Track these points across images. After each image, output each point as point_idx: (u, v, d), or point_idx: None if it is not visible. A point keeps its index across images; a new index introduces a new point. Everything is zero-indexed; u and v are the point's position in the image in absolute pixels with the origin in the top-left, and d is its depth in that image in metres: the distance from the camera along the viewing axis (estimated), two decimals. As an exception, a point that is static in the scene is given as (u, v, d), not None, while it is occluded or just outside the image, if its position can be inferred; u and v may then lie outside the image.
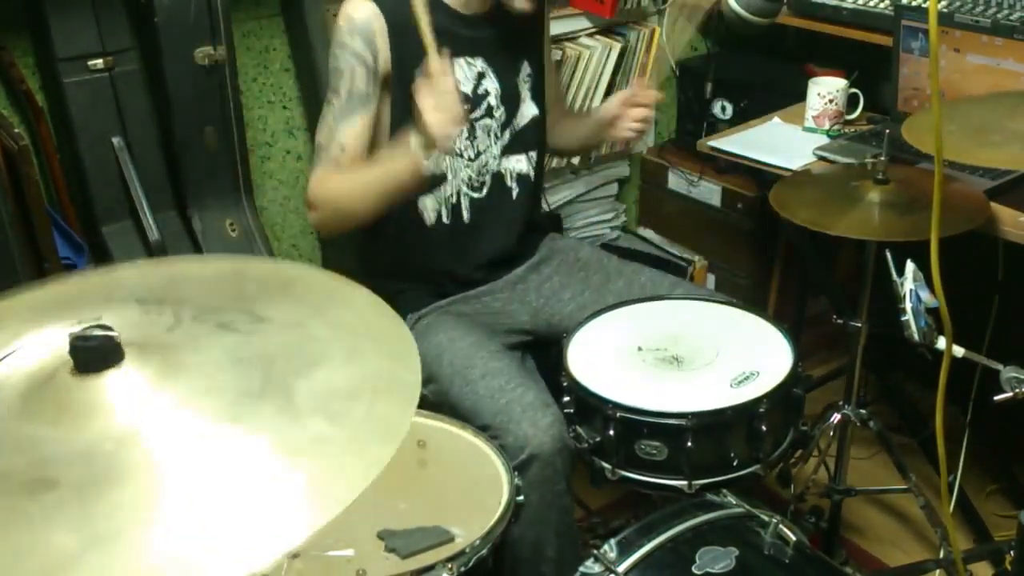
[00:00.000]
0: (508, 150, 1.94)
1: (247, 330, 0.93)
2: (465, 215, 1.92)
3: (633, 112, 1.94)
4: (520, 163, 1.96)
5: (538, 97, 1.97)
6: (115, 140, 2.12)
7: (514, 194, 1.96)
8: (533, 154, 1.99)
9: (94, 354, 0.84)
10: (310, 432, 0.83)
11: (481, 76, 1.87)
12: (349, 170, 1.77)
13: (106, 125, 2.11)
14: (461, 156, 1.88)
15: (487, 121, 1.89)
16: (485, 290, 1.97)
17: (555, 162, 2.66)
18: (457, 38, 1.82)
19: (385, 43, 1.76)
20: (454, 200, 1.90)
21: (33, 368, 0.88)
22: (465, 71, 1.84)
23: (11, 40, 2.07)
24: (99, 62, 2.07)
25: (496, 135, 1.91)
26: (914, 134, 1.66)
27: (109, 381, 0.84)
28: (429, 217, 1.90)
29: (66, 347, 0.84)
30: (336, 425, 0.84)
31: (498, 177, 1.94)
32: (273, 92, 2.43)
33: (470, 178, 1.90)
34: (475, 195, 1.92)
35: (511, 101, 1.92)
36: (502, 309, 1.96)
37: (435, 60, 1.60)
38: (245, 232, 2.31)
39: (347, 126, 1.77)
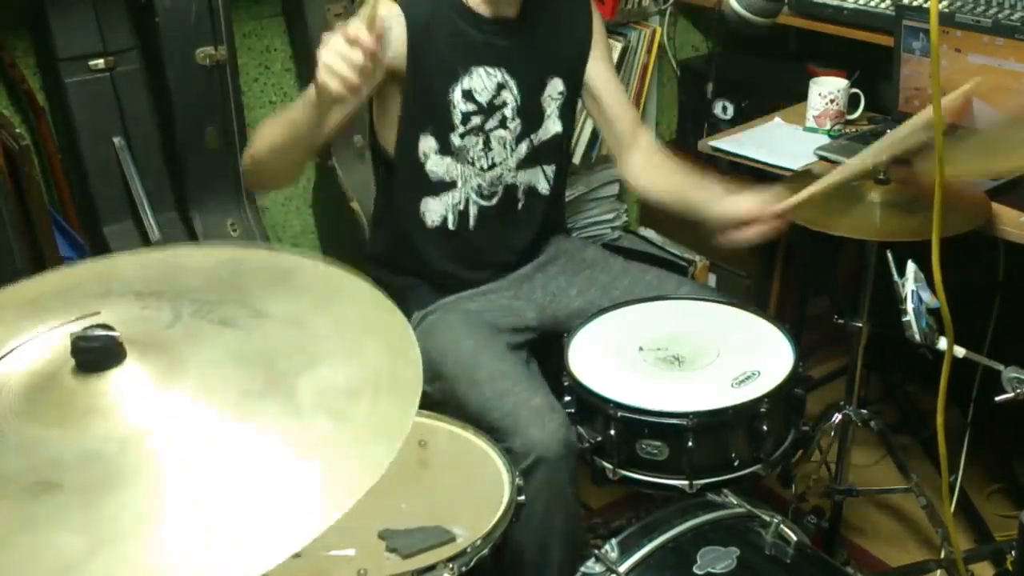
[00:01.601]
0: (524, 163, 1.92)
1: (247, 326, 0.93)
2: (471, 222, 1.91)
3: (754, 229, 1.80)
4: (534, 176, 1.95)
5: (566, 116, 1.94)
6: (116, 140, 2.13)
7: (520, 205, 1.96)
8: (550, 168, 1.97)
9: (96, 354, 0.84)
10: (313, 432, 0.83)
11: (501, 87, 1.83)
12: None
13: (107, 125, 2.12)
14: (473, 164, 1.86)
15: (501, 132, 1.86)
16: (492, 287, 1.96)
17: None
18: (475, 45, 1.80)
19: (402, 41, 1.74)
20: (462, 207, 1.90)
21: (34, 368, 0.88)
22: (484, 80, 1.81)
23: (12, 40, 2.07)
24: (100, 62, 2.07)
25: (511, 147, 1.89)
26: (915, 133, 1.66)
27: (111, 381, 0.84)
28: (432, 220, 1.89)
29: (67, 347, 0.84)
30: (339, 425, 0.84)
31: (510, 189, 1.93)
32: (274, 92, 2.43)
33: (480, 187, 1.89)
34: (484, 203, 1.91)
35: (531, 115, 1.89)
36: (508, 305, 1.95)
37: (356, 27, 1.45)
38: (246, 232, 2.31)
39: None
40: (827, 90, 2.28)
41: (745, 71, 2.73)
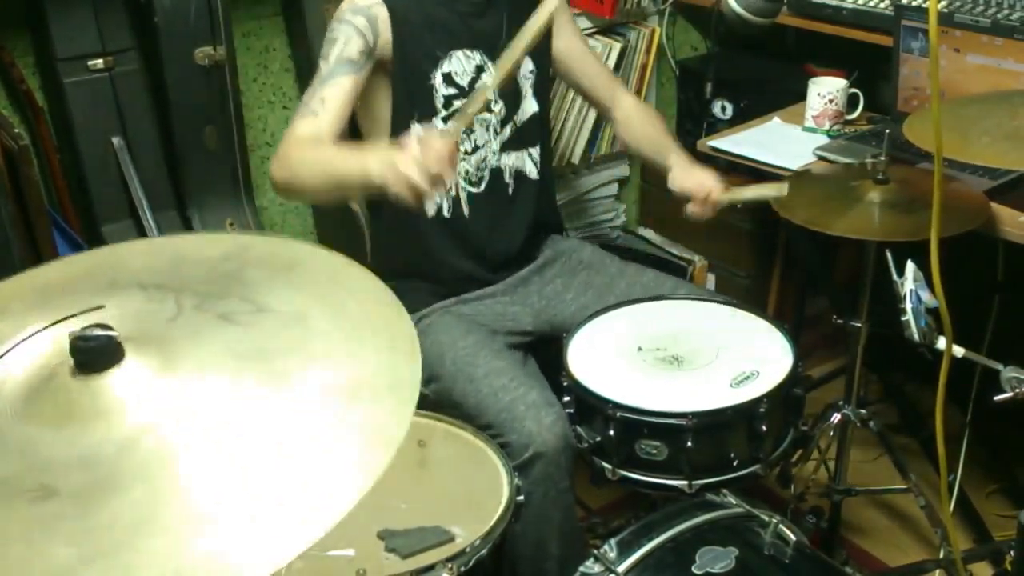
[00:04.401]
0: (508, 146, 1.94)
1: (248, 322, 0.92)
2: (465, 209, 1.92)
3: (695, 208, 1.89)
4: (520, 160, 1.96)
5: (540, 94, 1.97)
6: (115, 140, 2.13)
7: (510, 190, 1.96)
8: (535, 151, 1.98)
9: (94, 354, 0.84)
10: (311, 432, 0.83)
11: (480, 69, 1.86)
12: (320, 145, 1.68)
13: (106, 125, 2.12)
14: (457, 149, 1.86)
15: (485, 115, 1.89)
16: (488, 292, 1.97)
17: (555, 162, 2.66)
18: (454, 30, 1.82)
19: (388, 31, 1.76)
20: (453, 193, 1.91)
21: (33, 368, 0.88)
22: (463, 64, 1.84)
23: (11, 40, 2.07)
24: (99, 62, 2.07)
25: (496, 130, 1.91)
26: (915, 132, 1.66)
27: (110, 382, 0.84)
28: (429, 208, 1.89)
29: (66, 345, 0.84)
30: (337, 425, 0.84)
31: (497, 173, 1.94)
32: (273, 92, 2.43)
33: (467, 172, 1.90)
34: (473, 190, 1.92)
35: (511, 96, 1.92)
36: (504, 311, 1.96)
37: (448, 139, 1.52)
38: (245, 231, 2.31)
39: (331, 83, 1.72)
40: (826, 90, 2.28)
41: (744, 71, 2.73)
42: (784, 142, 2.27)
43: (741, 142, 2.28)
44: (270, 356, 0.90)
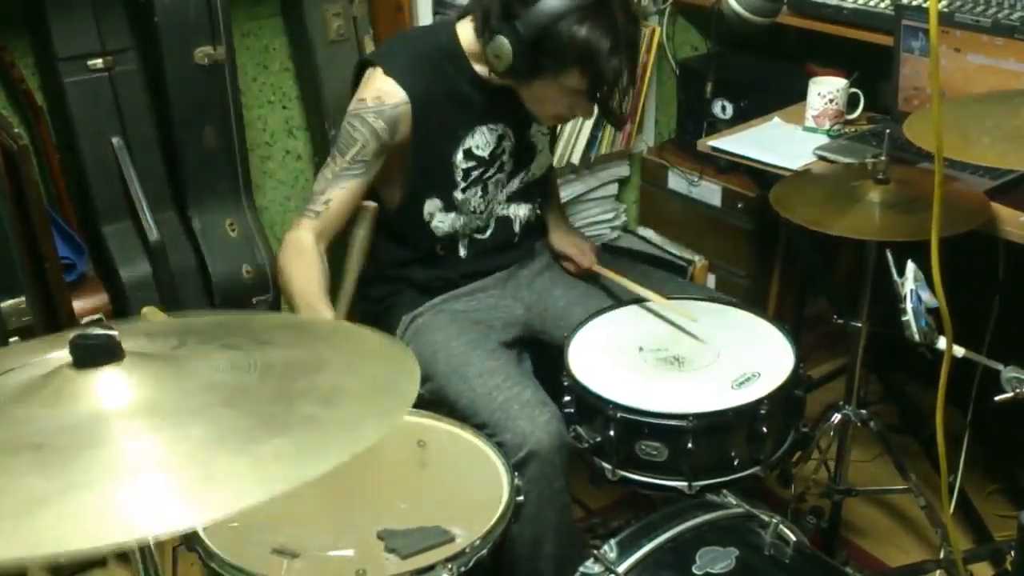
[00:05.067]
0: (516, 197, 1.97)
1: (250, 348, 0.97)
2: (462, 252, 1.95)
3: (573, 270, 2.06)
4: (527, 210, 2.00)
5: (552, 143, 2.04)
6: (115, 140, 2.12)
7: (516, 239, 2.00)
8: (539, 200, 2.04)
9: (93, 351, 0.87)
10: (296, 413, 0.87)
11: (501, 139, 1.88)
12: (300, 257, 1.77)
13: (106, 125, 2.11)
14: (474, 212, 1.91)
15: (498, 176, 1.91)
16: (478, 286, 1.98)
17: (555, 162, 2.65)
18: (478, 107, 1.83)
19: (408, 126, 1.77)
20: (455, 243, 1.94)
21: (34, 368, 0.91)
22: (486, 136, 1.85)
23: (11, 40, 2.07)
24: (99, 62, 2.07)
25: (502, 184, 1.93)
26: (915, 132, 1.65)
27: (106, 373, 0.87)
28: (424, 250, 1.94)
29: (67, 349, 0.87)
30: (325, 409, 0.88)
31: (503, 221, 1.97)
32: (273, 92, 2.43)
33: (477, 226, 1.94)
34: (478, 236, 1.95)
35: (524, 152, 1.94)
36: (496, 304, 1.97)
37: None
38: (245, 232, 2.31)
39: (340, 187, 1.78)
40: (826, 90, 2.28)
41: (744, 71, 2.73)
42: (784, 142, 2.27)
43: (741, 142, 2.28)
44: (270, 367, 0.93)
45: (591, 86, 1.70)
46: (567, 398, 1.68)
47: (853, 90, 2.33)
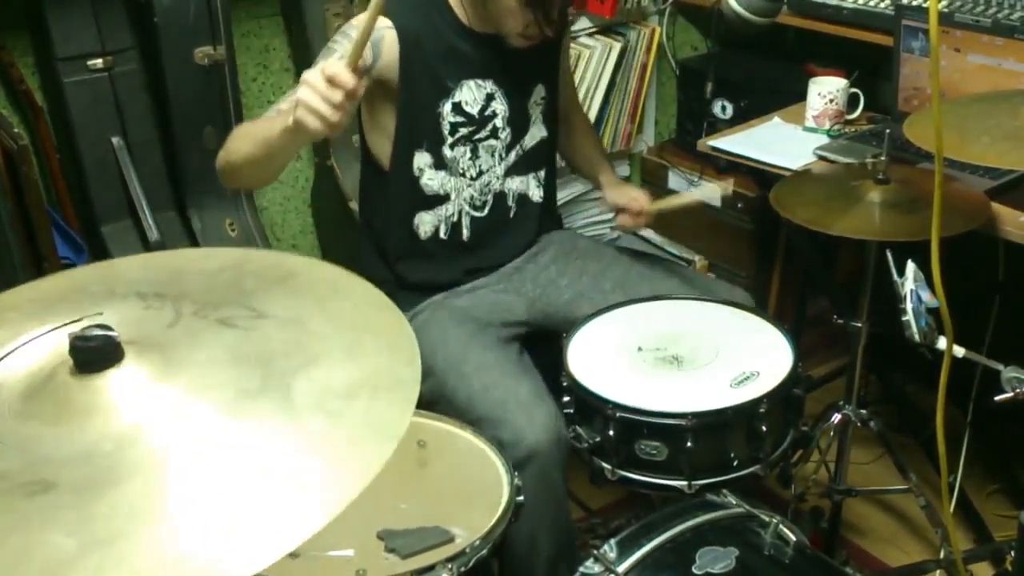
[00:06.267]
0: (513, 171, 1.94)
1: (246, 326, 0.93)
2: (465, 232, 1.93)
3: (628, 220, 2.09)
4: (524, 184, 1.97)
5: (549, 119, 1.98)
6: (115, 140, 2.12)
7: (512, 213, 1.97)
8: (541, 174, 2.00)
9: (94, 354, 0.84)
10: (309, 431, 0.83)
11: (490, 97, 1.86)
12: (251, 123, 1.71)
13: (106, 125, 2.11)
14: (464, 176, 1.88)
15: (492, 142, 1.89)
16: (481, 283, 1.97)
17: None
18: (466, 59, 1.81)
19: (394, 53, 1.75)
20: (455, 219, 1.92)
21: (33, 368, 0.88)
22: (474, 92, 1.83)
23: (11, 40, 2.07)
24: (99, 62, 2.07)
25: (501, 156, 1.91)
26: (915, 132, 1.66)
27: (109, 381, 0.84)
28: (425, 231, 1.90)
29: (66, 347, 0.84)
30: (335, 423, 0.84)
31: (500, 197, 1.95)
32: (273, 92, 2.43)
33: (472, 197, 1.91)
34: (477, 214, 1.93)
35: (519, 123, 1.92)
36: (498, 300, 1.96)
37: (336, 65, 1.44)
38: (245, 232, 2.31)
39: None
40: (826, 90, 2.28)
41: (744, 71, 2.73)
42: (784, 142, 2.27)
43: (741, 142, 2.28)
44: (268, 358, 0.90)
45: None
46: (566, 398, 1.68)
47: (853, 90, 2.33)
